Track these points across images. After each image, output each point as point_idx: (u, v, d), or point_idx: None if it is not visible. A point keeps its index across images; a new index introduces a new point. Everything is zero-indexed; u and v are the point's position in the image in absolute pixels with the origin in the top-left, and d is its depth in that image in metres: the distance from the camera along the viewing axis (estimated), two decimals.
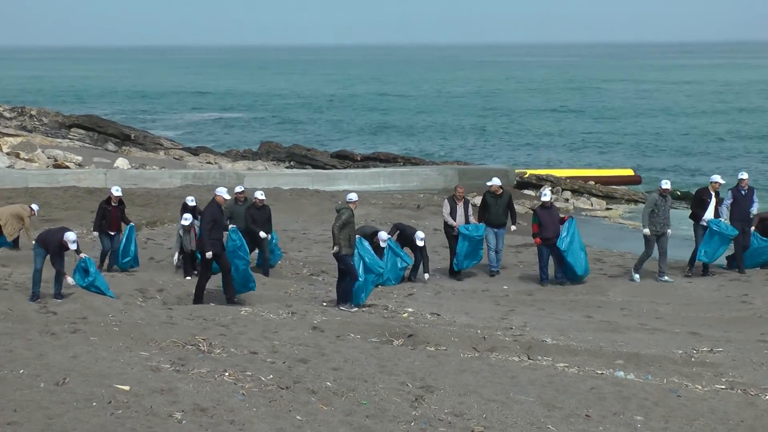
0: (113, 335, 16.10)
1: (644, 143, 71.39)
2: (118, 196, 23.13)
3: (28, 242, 24.75)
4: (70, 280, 19.25)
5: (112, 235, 23.01)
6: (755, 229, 23.63)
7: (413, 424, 12.08)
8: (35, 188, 36.92)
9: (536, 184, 43.44)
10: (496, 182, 23.99)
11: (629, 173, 48.66)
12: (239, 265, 19.92)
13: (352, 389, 13.34)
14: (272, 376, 13.82)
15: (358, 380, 13.77)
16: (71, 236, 19.26)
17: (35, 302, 19.05)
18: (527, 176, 44.16)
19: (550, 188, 36.34)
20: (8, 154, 48.86)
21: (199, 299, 19.92)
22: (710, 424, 12.43)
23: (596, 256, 26.57)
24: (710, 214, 23.37)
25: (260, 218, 22.82)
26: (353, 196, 20.53)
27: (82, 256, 19.95)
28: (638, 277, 23.14)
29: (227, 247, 19.99)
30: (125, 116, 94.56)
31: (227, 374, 13.81)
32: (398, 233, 23.54)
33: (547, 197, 23.25)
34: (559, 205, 38.95)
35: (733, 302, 20.80)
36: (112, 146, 60.64)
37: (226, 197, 20.14)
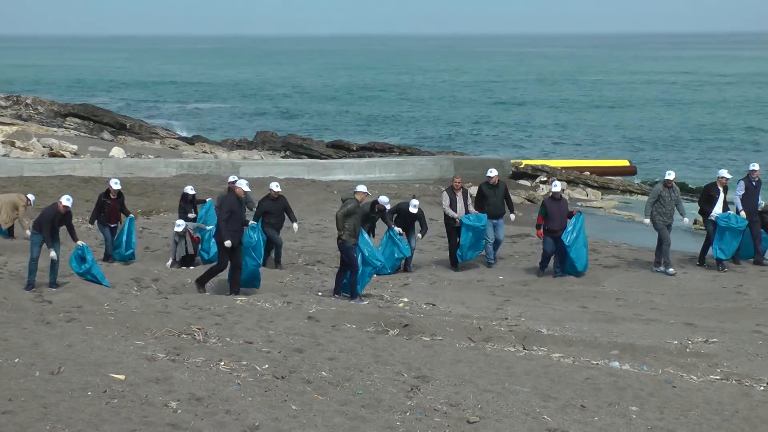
0: (109, 324, 16.10)
1: (639, 135, 71.38)
2: (117, 189, 23.01)
3: (22, 232, 24.74)
4: (53, 254, 19.30)
5: (111, 227, 22.88)
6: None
7: (408, 414, 12.09)
8: (30, 177, 36.81)
9: (532, 174, 43.44)
10: (493, 173, 23.88)
11: (625, 164, 48.69)
12: (248, 263, 19.73)
13: (347, 379, 13.35)
14: (267, 365, 13.83)
15: (353, 370, 13.78)
16: (65, 196, 19.56)
17: (30, 291, 19.06)
18: (523, 167, 44.14)
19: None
20: (3, 142, 48.77)
21: (202, 283, 19.80)
22: (705, 414, 12.45)
23: (591, 246, 26.45)
24: (719, 209, 23.21)
25: (275, 210, 22.34)
26: (362, 187, 20.38)
27: (79, 243, 19.95)
28: (672, 270, 22.85)
29: (242, 241, 19.78)
30: (120, 105, 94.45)
31: (222, 364, 13.82)
32: (396, 216, 23.20)
33: (557, 188, 22.84)
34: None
35: (728, 293, 20.81)
36: (107, 135, 60.56)
37: (245, 189, 19.84)
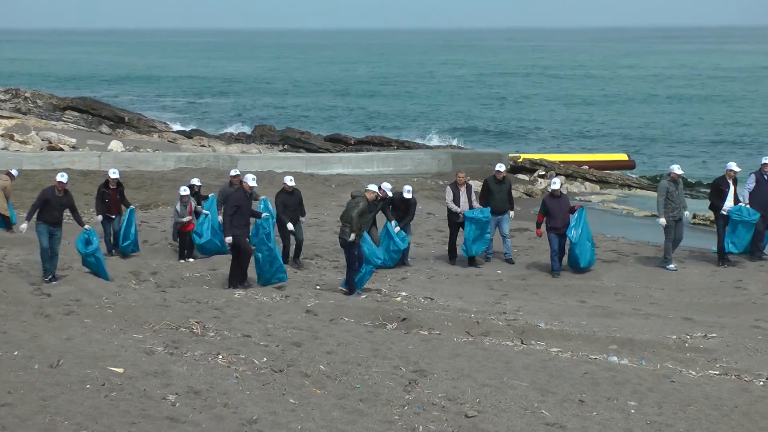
0: (107, 317, 16.10)
1: (638, 129, 71.35)
2: (115, 178, 22.94)
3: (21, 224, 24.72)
4: (23, 226, 19.51)
5: (112, 218, 22.73)
6: None
7: (407, 407, 12.10)
8: (29, 170, 36.78)
9: (530, 168, 43.38)
10: (501, 168, 23.74)
11: (623, 158, 48.60)
12: (258, 256, 19.64)
13: (345, 373, 13.36)
14: (266, 359, 13.84)
15: (351, 364, 13.78)
16: (60, 173, 19.81)
17: (48, 279, 19.13)
18: (521, 161, 44.07)
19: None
20: (2, 136, 48.74)
21: (234, 280, 19.65)
22: (704, 409, 12.45)
23: None
24: (730, 203, 23.04)
25: (291, 204, 22.00)
26: (373, 187, 20.38)
27: (86, 227, 19.99)
28: (673, 266, 22.71)
29: (253, 234, 19.68)
30: (118, 99, 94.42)
31: (221, 357, 13.83)
32: (390, 206, 23.03)
33: (556, 185, 22.50)
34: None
35: (727, 288, 20.79)
36: (106, 129, 60.51)
37: (252, 184, 19.77)
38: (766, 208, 22.91)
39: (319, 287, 20.07)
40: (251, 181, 19.76)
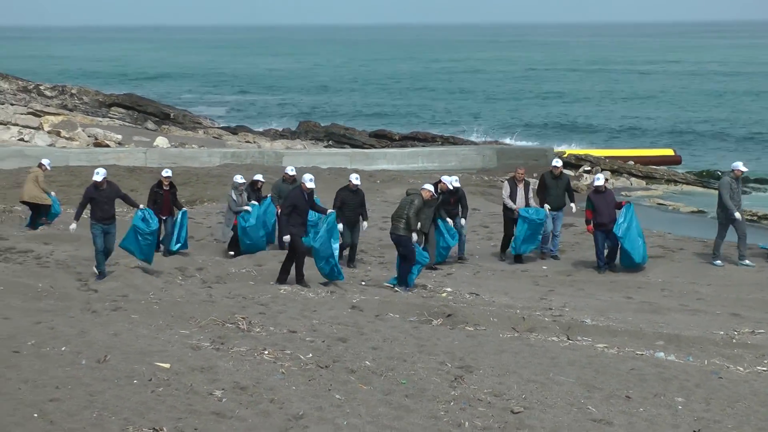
0: (154, 313, 16.18)
1: (684, 125, 70.87)
2: (167, 176, 22.89)
3: (68, 219, 24.86)
4: (73, 226, 19.41)
5: (163, 219, 22.53)
6: None
7: (452, 403, 12.07)
8: (76, 167, 37.08)
9: (575, 164, 43.25)
10: (558, 163, 23.54)
11: (669, 153, 48.35)
12: (317, 259, 19.56)
13: (391, 368, 13.34)
14: (311, 354, 13.85)
15: (397, 359, 13.77)
16: (96, 171, 19.63)
17: (100, 279, 19.23)
18: (566, 156, 43.91)
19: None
20: (49, 132, 49.20)
21: (284, 276, 19.64)
22: (752, 406, 12.34)
23: None
24: None
25: (352, 202, 21.78)
26: (430, 186, 20.40)
27: (141, 206, 20.10)
28: (720, 262, 22.48)
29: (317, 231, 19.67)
30: (164, 95, 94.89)
31: (267, 353, 13.85)
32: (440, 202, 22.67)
33: (600, 181, 22.25)
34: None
35: None
36: (151, 125, 60.90)
37: (309, 186, 19.62)
38: None
39: (364, 283, 20.08)
40: (309, 182, 19.63)
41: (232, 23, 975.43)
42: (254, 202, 23.07)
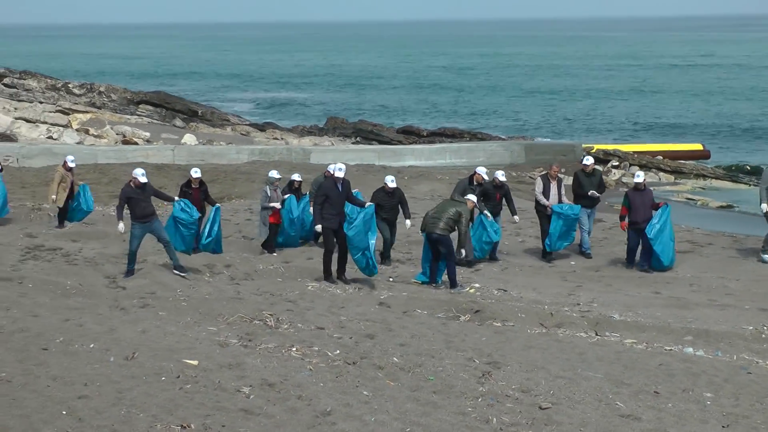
0: (181, 310, 16.23)
1: (713, 119, 70.54)
2: (197, 177, 22.71)
3: (97, 216, 24.94)
4: (121, 226, 19.39)
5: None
6: None
7: (480, 400, 12.06)
8: (104, 164, 37.20)
9: (603, 159, 43.09)
10: (589, 161, 23.38)
11: (698, 148, 48.13)
12: (352, 249, 19.50)
13: (418, 365, 13.35)
14: (339, 351, 13.87)
15: (424, 356, 13.77)
16: (138, 170, 19.55)
17: (128, 277, 19.23)
18: (594, 151, 43.75)
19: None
20: (78, 130, 49.43)
21: (327, 273, 19.65)
22: None
23: None
24: None
25: (388, 204, 21.61)
26: (473, 197, 20.48)
27: (176, 198, 20.14)
28: (767, 257, 22.35)
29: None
30: (190, 93, 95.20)
31: (294, 349, 13.88)
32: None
33: (640, 179, 21.96)
34: (625, 180, 38.65)
35: None
36: (179, 122, 61.04)
37: (338, 175, 19.61)
38: None
39: (392, 279, 20.08)
40: (338, 171, 19.61)
41: (257, 20, 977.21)
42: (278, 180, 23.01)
